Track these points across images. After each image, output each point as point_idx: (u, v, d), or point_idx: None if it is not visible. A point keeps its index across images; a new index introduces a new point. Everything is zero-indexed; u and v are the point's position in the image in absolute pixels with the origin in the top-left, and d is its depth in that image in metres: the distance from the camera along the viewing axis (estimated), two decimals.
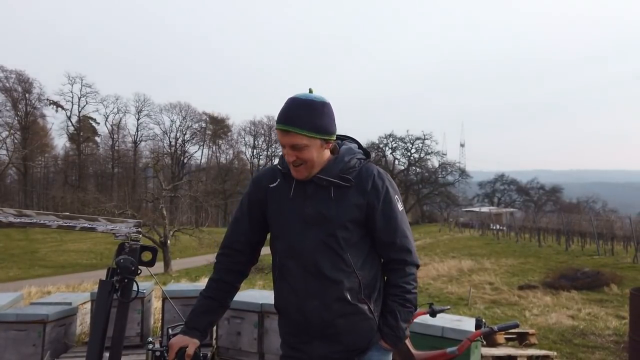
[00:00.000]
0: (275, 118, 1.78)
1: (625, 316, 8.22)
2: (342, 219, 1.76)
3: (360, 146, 1.92)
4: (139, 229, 2.30)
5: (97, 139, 61.68)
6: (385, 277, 1.89)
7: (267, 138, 64.68)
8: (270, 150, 64.10)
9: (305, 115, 1.71)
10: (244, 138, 65.51)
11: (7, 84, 51.16)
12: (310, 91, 1.79)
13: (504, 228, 34.02)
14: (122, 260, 2.08)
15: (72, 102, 56.23)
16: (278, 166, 1.88)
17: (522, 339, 5.74)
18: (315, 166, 1.77)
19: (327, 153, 1.81)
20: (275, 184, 1.87)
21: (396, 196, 1.84)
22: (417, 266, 1.87)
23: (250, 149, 65.22)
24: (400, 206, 1.85)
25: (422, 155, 63.22)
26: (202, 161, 64.93)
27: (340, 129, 2.05)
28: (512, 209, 50.97)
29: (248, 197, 1.92)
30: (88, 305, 5.36)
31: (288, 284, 1.83)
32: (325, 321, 1.77)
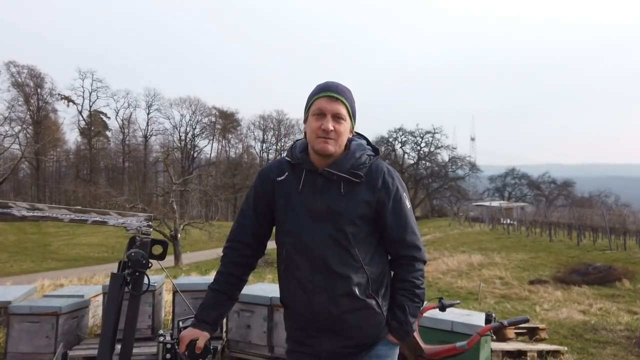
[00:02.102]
0: (314, 92, 1.82)
1: (638, 311, 8.16)
2: (351, 214, 1.76)
3: (368, 142, 1.92)
4: (150, 223, 2.31)
5: (108, 133, 62.32)
6: (393, 273, 1.89)
7: (276, 132, 64.79)
8: (279, 144, 64.18)
9: (349, 94, 1.83)
10: (253, 132, 65.85)
11: (20, 79, 51.83)
12: None
13: (515, 222, 33.84)
14: (133, 254, 2.09)
15: (83, 97, 56.90)
16: (286, 158, 1.87)
17: (532, 334, 5.71)
18: (341, 147, 1.80)
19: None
20: (282, 177, 1.86)
21: (404, 194, 1.85)
22: (425, 262, 1.88)
23: (259, 143, 65.54)
24: (408, 203, 1.87)
25: (432, 149, 62.95)
26: (212, 155, 65.36)
27: None
28: (522, 204, 50.60)
29: (254, 190, 1.92)
30: (100, 298, 5.42)
31: (295, 278, 1.82)
32: (334, 316, 1.77)
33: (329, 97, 1.77)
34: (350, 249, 1.76)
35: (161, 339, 1.95)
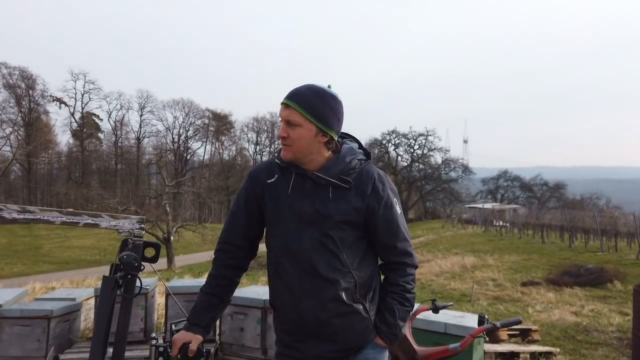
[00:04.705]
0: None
1: (629, 312, 8.21)
2: (339, 219, 1.74)
3: (360, 146, 1.90)
4: (142, 225, 2.30)
5: (101, 135, 61.87)
6: (384, 276, 1.88)
7: (270, 134, 64.69)
8: (273, 146, 64.13)
9: (310, 97, 1.74)
10: (246, 134, 65.68)
11: (11, 81, 51.35)
12: (329, 87, 1.80)
13: (507, 224, 33.95)
14: (125, 257, 2.07)
15: (75, 99, 56.38)
16: (276, 160, 1.86)
17: (525, 336, 5.74)
18: (304, 152, 1.76)
19: (326, 151, 1.79)
20: (272, 180, 1.84)
21: (395, 199, 1.83)
22: (416, 267, 1.88)
23: (253, 146, 65.37)
24: (399, 209, 1.84)
25: (425, 151, 63.21)
26: (205, 158, 65.03)
27: (343, 127, 2.03)
28: (515, 206, 50.88)
29: (245, 192, 1.90)
30: (92, 301, 5.39)
31: (283, 282, 1.81)
32: (321, 320, 1.76)
33: (282, 103, 1.77)
34: (339, 254, 1.74)
35: (153, 342, 1.93)
